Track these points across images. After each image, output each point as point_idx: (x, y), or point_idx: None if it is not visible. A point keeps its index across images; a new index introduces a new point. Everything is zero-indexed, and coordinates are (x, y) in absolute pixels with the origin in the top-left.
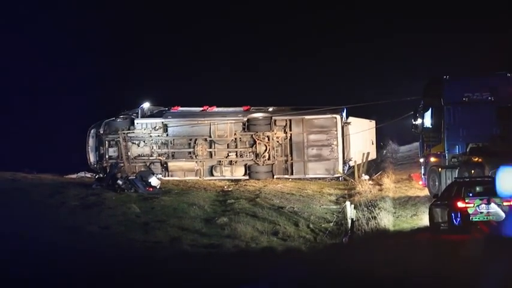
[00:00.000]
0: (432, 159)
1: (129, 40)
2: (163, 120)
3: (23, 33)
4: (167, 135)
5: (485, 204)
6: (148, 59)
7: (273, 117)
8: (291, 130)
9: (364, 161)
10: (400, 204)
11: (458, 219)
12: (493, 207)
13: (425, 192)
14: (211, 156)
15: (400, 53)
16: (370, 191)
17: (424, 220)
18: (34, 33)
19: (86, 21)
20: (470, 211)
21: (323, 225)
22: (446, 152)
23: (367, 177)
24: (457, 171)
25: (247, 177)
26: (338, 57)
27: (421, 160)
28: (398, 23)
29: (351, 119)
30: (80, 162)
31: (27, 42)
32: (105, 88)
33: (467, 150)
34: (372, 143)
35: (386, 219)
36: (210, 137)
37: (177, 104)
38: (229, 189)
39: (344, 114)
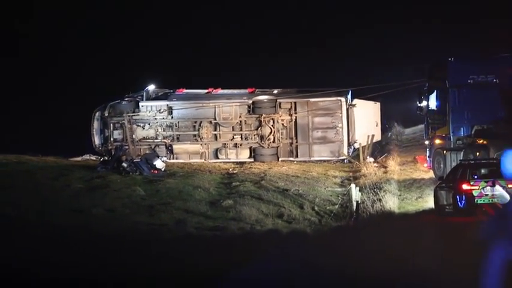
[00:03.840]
0: (437, 141)
1: (134, 21)
2: (168, 102)
3: (27, 13)
4: (172, 117)
5: (490, 186)
6: (153, 39)
7: (278, 100)
8: (296, 113)
9: (369, 143)
10: (405, 186)
11: (463, 202)
12: (498, 190)
13: (430, 174)
14: (216, 138)
15: (406, 34)
16: (375, 174)
17: (429, 202)
18: (40, 14)
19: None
20: (475, 193)
21: (328, 207)
22: (451, 134)
23: (372, 159)
24: (462, 153)
25: (252, 160)
26: (344, 38)
27: (426, 142)
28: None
29: (356, 101)
30: (85, 144)
31: (32, 24)
32: (110, 70)
33: (473, 132)
34: (377, 125)
35: (392, 202)
36: (215, 119)
37: (182, 85)
38: (234, 171)
39: (349, 96)
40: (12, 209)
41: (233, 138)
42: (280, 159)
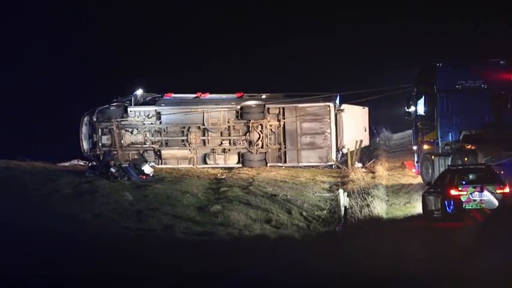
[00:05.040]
0: (425, 146)
1: (122, 25)
2: (156, 108)
3: (16, 18)
4: (160, 123)
5: (478, 192)
6: (140, 43)
7: (266, 105)
8: (284, 118)
9: (357, 148)
10: (393, 192)
11: (452, 207)
12: (486, 195)
13: (419, 179)
14: (204, 144)
15: (394, 39)
16: (363, 179)
17: (417, 208)
18: (28, 19)
19: (78, 5)
20: (463, 199)
21: (316, 212)
22: (439, 139)
23: (360, 164)
24: (450, 158)
25: (240, 165)
26: (331, 43)
27: (414, 148)
28: (392, 8)
29: (344, 106)
30: (74, 150)
31: (19, 29)
32: (98, 74)
33: (461, 137)
34: (365, 130)
35: (380, 207)
36: (204, 125)
37: (169, 90)
38: (223, 177)
39: (337, 101)
40: (0, 214)
41: (221, 143)
42: (268, 164)
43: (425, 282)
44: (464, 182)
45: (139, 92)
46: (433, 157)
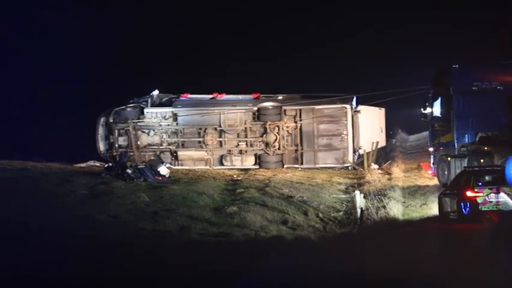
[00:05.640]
0: (441, 148)
1: (137, 24)
2: (173, 109)
3: (29, 17)
4: (177, 124)
5: (494, 193)
6: (156, 43)
7: (283, 107)
8: (301, 120)
9: (373, 149)
10: (409, 193)
11: (468, 209)
12: (503, 197)
13: (435, 181)
14: (221, 145)
15: (411, 42)
16: (380, 180)
17: (433, 209)
18: (41, 19)
19: (95, 5)
20: (479, 200)
21: (332, 214)
22: (455, 141)
23: (376, 166)
24: (466, 160)
25: (257, 167)
26: (349, 44)
27: (431, 149)
28: (409, 11)
29: (360, 107)
30: (90, 151)
31: (34, 29)
32: (114, 75)
33: (477, 139)
34: (381, 131)
35: (396, 209)
36: (220, 126)
37: (186, 90)
38: (239, 178)
39: (354, 102)
40: (17, 215)
41: (238, 145)
42: (285, 166)
43: (441, 283)
44: (480, 184)
45: (155, 92)
46: (449, 159)
